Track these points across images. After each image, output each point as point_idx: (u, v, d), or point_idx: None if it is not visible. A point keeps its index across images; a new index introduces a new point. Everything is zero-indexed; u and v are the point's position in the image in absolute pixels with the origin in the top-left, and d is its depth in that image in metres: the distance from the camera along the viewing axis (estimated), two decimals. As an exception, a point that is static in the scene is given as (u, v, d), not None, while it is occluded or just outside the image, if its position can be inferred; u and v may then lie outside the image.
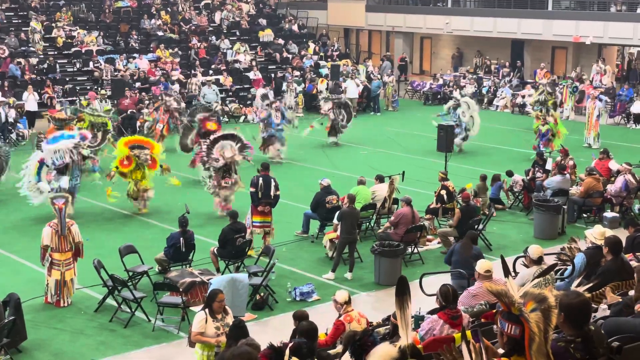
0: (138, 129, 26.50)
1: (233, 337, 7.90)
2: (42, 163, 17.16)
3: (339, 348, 8.25)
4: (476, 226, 15.19)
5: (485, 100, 33.95)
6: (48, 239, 12.36)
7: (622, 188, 17.16)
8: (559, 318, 5.29)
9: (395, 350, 5.45)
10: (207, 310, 9.13)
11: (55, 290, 12.43)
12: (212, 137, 17.39)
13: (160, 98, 25.77)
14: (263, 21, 40.47)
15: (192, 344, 9.36)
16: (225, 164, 16.91)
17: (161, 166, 17.79)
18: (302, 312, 8.88)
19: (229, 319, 9.14)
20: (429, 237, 15.83)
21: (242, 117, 30.02)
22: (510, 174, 18.52)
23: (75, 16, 36.32)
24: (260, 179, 14.97)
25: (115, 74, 31.20)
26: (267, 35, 38.54)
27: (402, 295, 5.68)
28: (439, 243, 15.57)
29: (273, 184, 14.96)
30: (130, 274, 12.80)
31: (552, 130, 22.35)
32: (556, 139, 22.20)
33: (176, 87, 29.61)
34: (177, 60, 33.76)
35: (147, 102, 26.54)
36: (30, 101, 27.19)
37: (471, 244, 12.34)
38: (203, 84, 30.21)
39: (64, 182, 16.76)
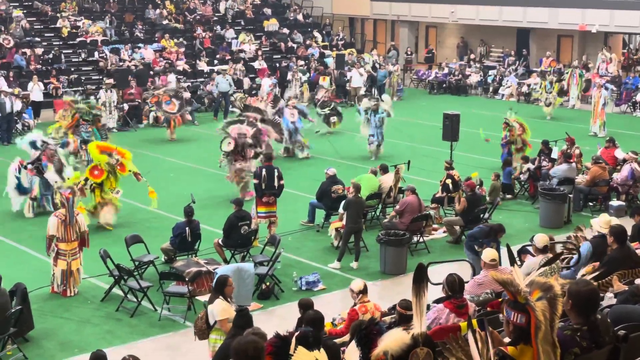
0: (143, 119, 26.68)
1: (238, 326, 7.91)
2: (20, 167, 16.88)
3: (346, 336, 8.26)
4: (482, 215, 15.20)
5: (491, 89, 33.91)
6: (54, 229, 12.38)
7: (629, 177, 17.12)
8: (566, 305, 5.29)
9: (408, 336, 5.47)
10: (221, 297, 9.12)
11: (62, 280, 12.46)
12: (227, 120, 18.29)
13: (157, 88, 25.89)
14: (268, 10, 40.39)
15: (202, 337, 9.31)
16: (236, 146, 17.39)
17: (131, 171, 16.41)
18: (307, 300, 8.89)
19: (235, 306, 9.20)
20: (435, 226, 15.82)
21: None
22: (526, 159, 18.44)
23: (80, 6, 36.32)
24: (264, 170, 14.96)
25: (121, 64, 31.19)
26: (272, 24, 38.46)
27: (420, 282, 5.69)
28: (444, 232, 15.56)
29: (276, 174, 14.94)
30: (137, 263, 12.83)
31: (513, 137, 19.62)
32: (527, 148, 19.68)
33: (172, 77, 29.34)
34: (182, 50, 33.72)
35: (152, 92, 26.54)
36: (36, 91, 27.21)
37: (491, 234, 12.64)
38: (217, 72, 30.20)
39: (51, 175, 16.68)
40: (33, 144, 17.06)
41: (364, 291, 9.38)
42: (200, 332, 9.27)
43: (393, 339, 5.49)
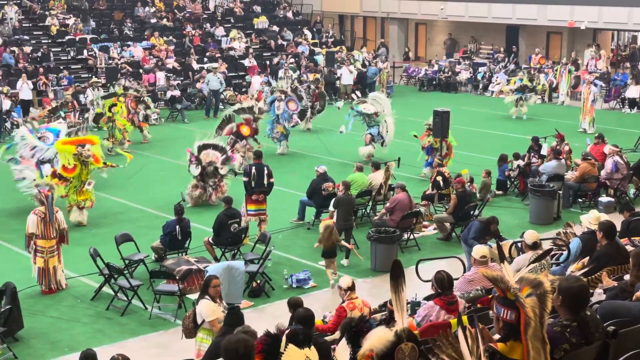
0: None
1: (228, 324, 7.91)
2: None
3: (337, 334, 8.25)
4: (472, 212, 15.22)
5: (481, 86, 33.96)
6: (33, 226, 12.30)
7: (613, 169, 17.20)
8: (556, 301, 5.30)
9: (391, 334, 5.46)
10: (207, 297, 9.10)
11: (39, 277, 12.41)
12: (201, 143, 17.31)
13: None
14: (257, 8, 40.37)
15: (189, 336, 9.30)
16: (203, 170, 17.00)
17: (105, 164, 16.57)
18: (296, 298, 8.88)
19: (224, 305, 9.18)
20: (425, 223, 15.82)
21: (237, 105, 29.94)
22: (517, 156, 18.43)
23: (69, 4, 36.19)
24: (253, 167, 14.94)
25: (110, 62, 31.10)
26: (261, 22, 38.44)
27: (397, 279, 5.68)
28: (435, 229, 15.57)
29: (266, 172, 14.92)
30: (127, 262, 12.80)
31: (434, 145, 19.04)
32: (450, 157, 19.07)
33: (161, 74, 29.22)
34: (172, 47, 33.66)
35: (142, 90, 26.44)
36: (25, 90, 27.10)
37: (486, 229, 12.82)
38: (208, 70, 30.15)
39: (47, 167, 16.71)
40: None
41: (352, 288, 9.40)
42: (187, 331, 9.26)
43: (376, 338, 5.47)
